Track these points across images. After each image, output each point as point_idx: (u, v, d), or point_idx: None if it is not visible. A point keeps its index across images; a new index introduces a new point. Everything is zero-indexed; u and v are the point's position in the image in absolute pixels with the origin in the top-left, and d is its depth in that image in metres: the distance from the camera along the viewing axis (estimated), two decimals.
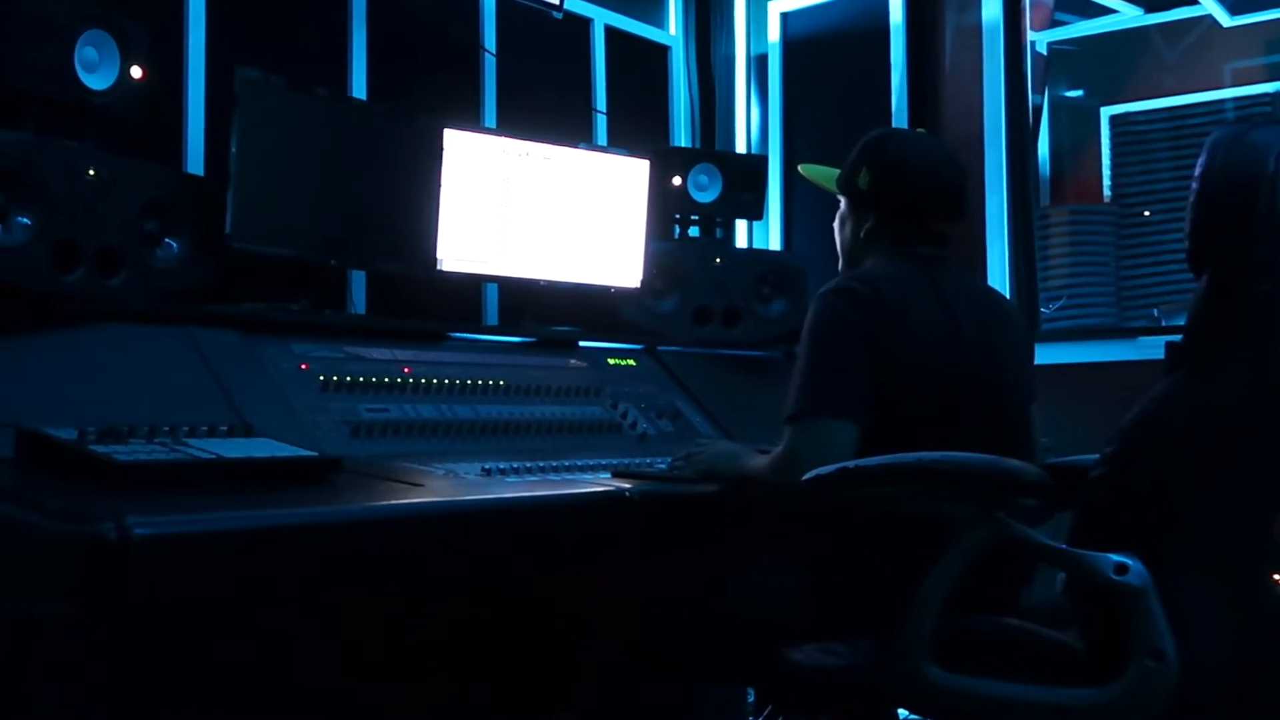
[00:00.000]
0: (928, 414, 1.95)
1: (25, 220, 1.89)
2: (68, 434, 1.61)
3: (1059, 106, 4.07)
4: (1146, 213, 3.92)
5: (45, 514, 1.38)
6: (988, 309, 2.10)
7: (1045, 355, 2.48)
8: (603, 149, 3.22)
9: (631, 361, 2.84)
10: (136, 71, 2.12)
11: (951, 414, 1.96)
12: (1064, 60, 4.10)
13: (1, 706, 1.57)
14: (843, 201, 2.21)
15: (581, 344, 2.81)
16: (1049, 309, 3.72)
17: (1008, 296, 3.37)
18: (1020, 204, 3.62)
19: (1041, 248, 3.74)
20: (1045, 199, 3.98)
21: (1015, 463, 1.68)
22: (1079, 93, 4.18)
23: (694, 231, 3.29)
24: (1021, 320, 2.28)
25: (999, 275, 3.60)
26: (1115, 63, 4.14)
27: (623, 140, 3.56)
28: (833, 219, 2.25)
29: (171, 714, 1.78)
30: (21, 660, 1.57)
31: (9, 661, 1.55)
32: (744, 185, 3.27)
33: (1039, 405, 2.17)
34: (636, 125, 3.79)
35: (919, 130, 2.37)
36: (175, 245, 2.14)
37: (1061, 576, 1.75)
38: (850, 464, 1.76)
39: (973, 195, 2.24)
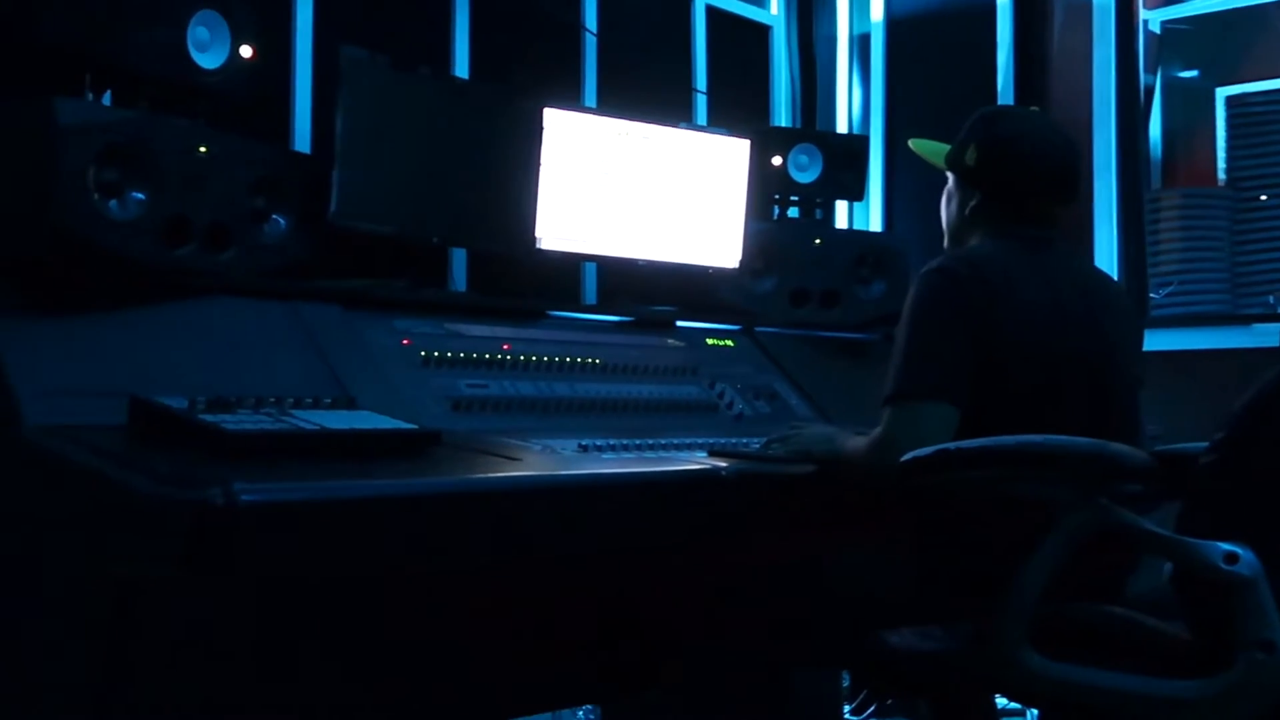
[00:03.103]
0: (1030, 397, 1.91)
1: (139, 196, 1.94)
2: (178, 403, 1.66)
3: (1172, 87, 3.95)
4: (1263, 197, 3.79)
5: (155, 479, 1.42)
6: (1094, 291, 2.06)
7: (1155, 342, 2.43)
8: (702, 129, 3.21)
9: (729, 342, 2.83)
10: (246, 51, 2.15)
11: (1054, 397, 1.92)
12: (1178, 39, 3.98)
13: (107, 668, 1.62)
14: (950, 178, 2.18)
15: (679, 324, 2.80)
16: (1159, 294, 3.63)
17: (1115, 281, 3.29)
18: (1130, 187, 3.53)
19: (1151, 232, 3.65)
20: (1156, 182, 3.88)
21: (1120, 447, 1.64)
22: (1193, 73, 4.05)
23: (793, 212, 3.26)
24: (1129, 304, 2.23)
25: (1107, 259, 3.52)
26: (1232, 42, 4.01)
27: (722, 120, 3.55)
28: (934, 201, 2.22)
29: (267, 680, 1.82)
30: (127, 623, 1.61)
31: (116, 624, 1.59)
32: (844, 166, 3.24)
33: (1147, 392, 2.12)
34: (736, 105, 3.77)
35: (1033, 109, 2.32)
36: (282, 222, 2.18)
37: (1168, 566, 1.70)
38: (949, 446, 1.73)
39: (1081, 178, 2.19)
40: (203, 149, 2.02)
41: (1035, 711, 2.50)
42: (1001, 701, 2.30)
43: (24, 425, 1.62)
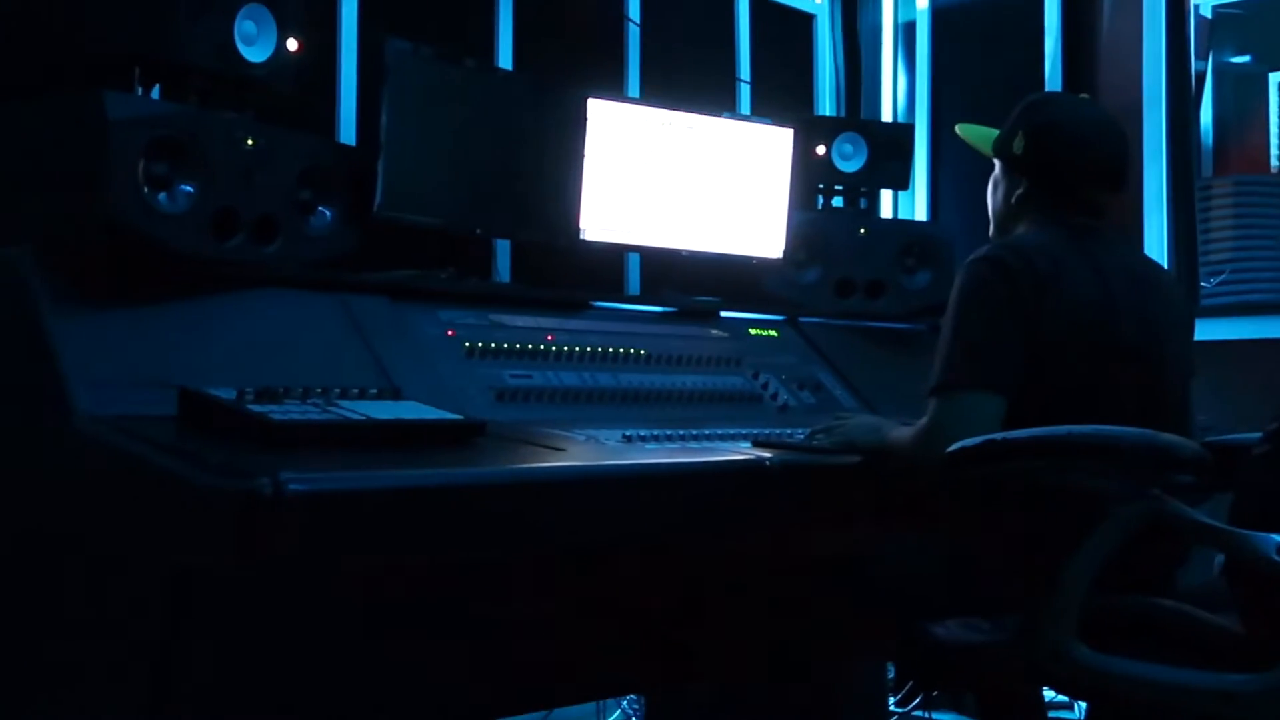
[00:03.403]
0: (1079, 387, 1.89)
1: (188, 189, 1.96)
2: (227, 394, 1.67)
3: (1224, 73, 3.89)
4: None
5: (205, 469, 1.44)
6: (1144, 280, 2.03)
7: (1206, 331, 2.39)
8: (746, 118, 3.20)
9: (773, 332, 2.82)
10: (293, 44, 2.17)
11: (1104, 387, 1.90)
12: (1230, 24, 3.91)
13: (162, 654, 1.64)
14: (997, 166, 2.16)
15: (723, 314, 2.80)
16: (1210, 283, 3.58)
17: (1166, 269, 3.25)
18: (1181, 174, 3.48)
19: (1203, 220, 3.59)
20: (1207, 170, 3.82)
21: (1171, 437, 1.62)
22: (1246, 58, 3.99)
23: (838, 202, 3.24)
24: (1180, 292, 2.20)
25: (1157, 248, 3.48)
26: None
27: (766, 110, 3.53)
28: (980, 190, 2.20)
29: (315, 666, 1.84)
30: (180, 611, 1.63)
31: (170, 610, 1.61)
32: (889, 155, 3.21)
33: (1198, 381, 2.09)
34: (780, 94, 3.76)
35: (1082, 96, 2.29)
36: (328, 214, 2.20)
37: (1220, 558, 1.68)
38: (996, 436, 1.72)
39: (1131, 166, 2.16)
40: (250, 142, 2.04)
41: (1083, 705, 2.48)
42: (1048, 694, 2.28)
43: (76, 415, 1.64)
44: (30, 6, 2.30)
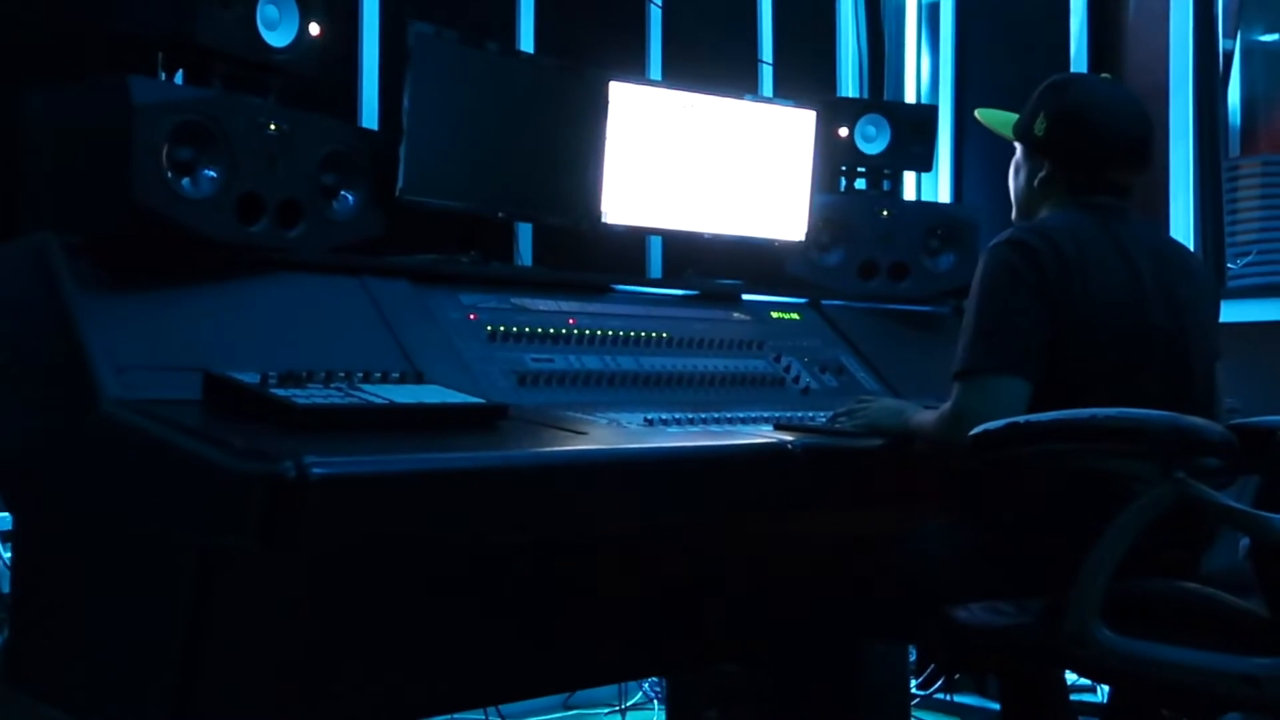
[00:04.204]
0: (1104, 370, 1.88)
1: (212, 174, 1.97)
2: (251, 378, 1.68)
3: (1252, 51, 3.85)
4: None
5: (230, 452, 1.45)
6: (1170, 262, 2.02)
7: (1232, 312, 2.38)
8: (768, 100, 3.19)
9: (795, 315, 2.81)
10: (315, 28, 2.17)
11: (1130, 370, 1.89)
12: (1258, 2, 3.87)
13: (189, 634, 1.65)
14: (1018, 148, 2.14)
15: (745, 297, 2.79)
16: (1236, 264, 3.55)
17: (1192, 250, 3.23)
18: (1208, 154, 3.45)
19: (1230, 200, 3.56)
20: (1235, 149, 3.78)
21: (1197, 420, 1.61)
22: (1275, 36, 3.95)
23: (861, 184, 3.23)
24: (1207, 274, 2.18)
25: (1183, 229, 3.45)
26: None
27: (789, 91, 3.52)
28: (1005, 171, 2.19)
29: (337, 650, 1.85)
30: (206, 591, 1.65)
31: (196, 591, 1.63)
32: (913, 136, 3.19)
33: (1225, 364, 2.08)
34: (803, 76, 3.74)
35: (1103, 76, 2.27)
36: (351, 198, 2.20)
37: (1245, 541, 1.67)
38: (1020, 419, 1.72)
39: (1157, 145, 2.14)
40: (273, 127, 2.04)
41: (1106, 688, 2.47)
42: (1071, 677, 2.27)
43: (103, 399, 1.66)
44: None
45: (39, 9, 2.30)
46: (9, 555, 2.14)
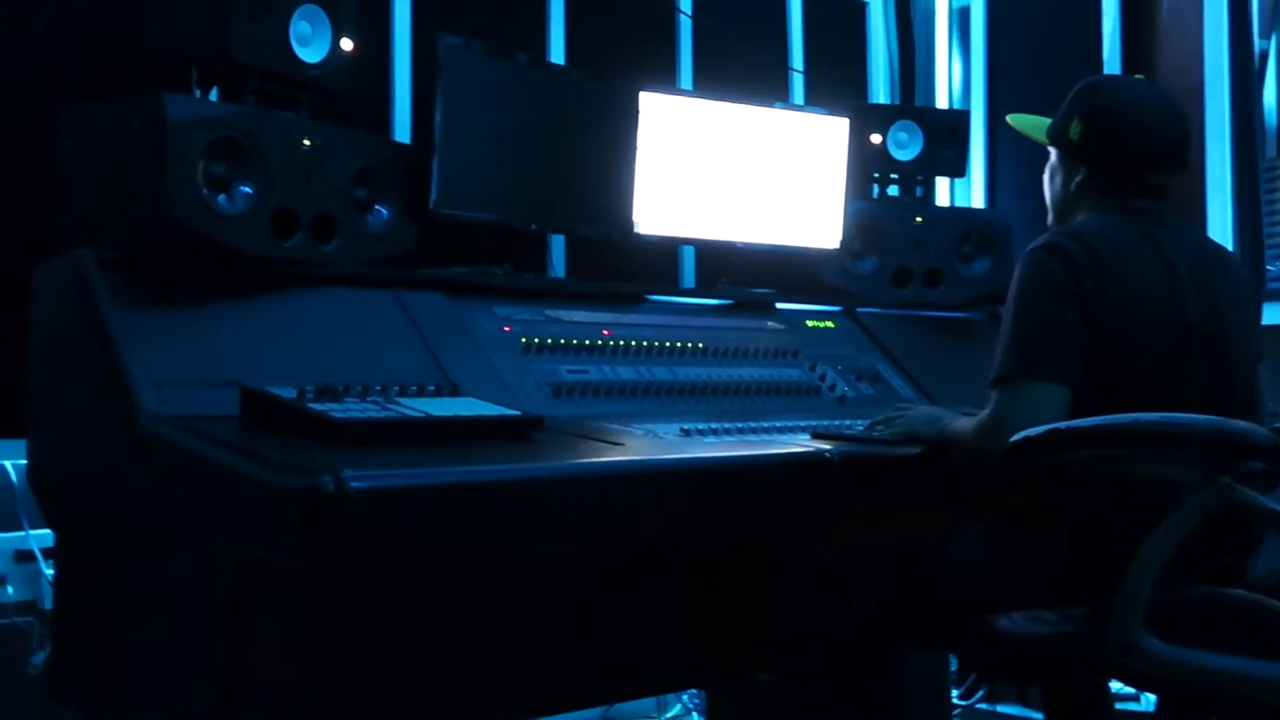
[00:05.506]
0: (1145, 375, 1.86)
1: (247, 189, 1.98)
2: (288, 393, 1.69)
3: None
4: None
5: (268, 467, 1.45)
6: (1210, 264, 1.99)
7: (1274, 315, 2.35)
8: (800, 108, 3.18)
9: (830, 323, 2.80)
10: (347, 44, 2.18)
11: (1171, 374, 1.87)
12: None
13: (229, 647, 1.66)
14: (1053, 153, 2.13)
15: (779, 306, 2.78)
16: (1275, 266, 3.51)
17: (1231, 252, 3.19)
18: (1244, 155, 3.41)
19: (1268, 201, 3.52)
20: (1271, 150, 3.74)
21: (1242, 424, 1.59)
22: None
23: (893, 190, 3.21)
24: (1247, 276, 2.16)
25: (1221, 231, 3.41)
26: None
27: (820, 99, 3.51)
28: (1040, 176, 2.17)
29: (378, 662, 1.85)
30: (245, 605, 1.65)
31: (236, 604, 1.63)
32: (945, 142, 3.18)
33: (1267, 367, 2.05)
34: (834, 83, 3.73)
35: (1137, 77, 2.25)
36: (385, 211, 2.21)
37: None
38: (1061, 425, 1.70)
39: (1193, 147, 2.12)
40: (307, 142, 2.05)
41: (1151, 697, 2.45)
42: (1115, 686, 2.24)
43: (141, 415, 1.67)
44: (90, 11, 2.33)
45: (75, 29, 2.32)
46: (51, 572, 2.15)
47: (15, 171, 2.22)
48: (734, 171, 2.85)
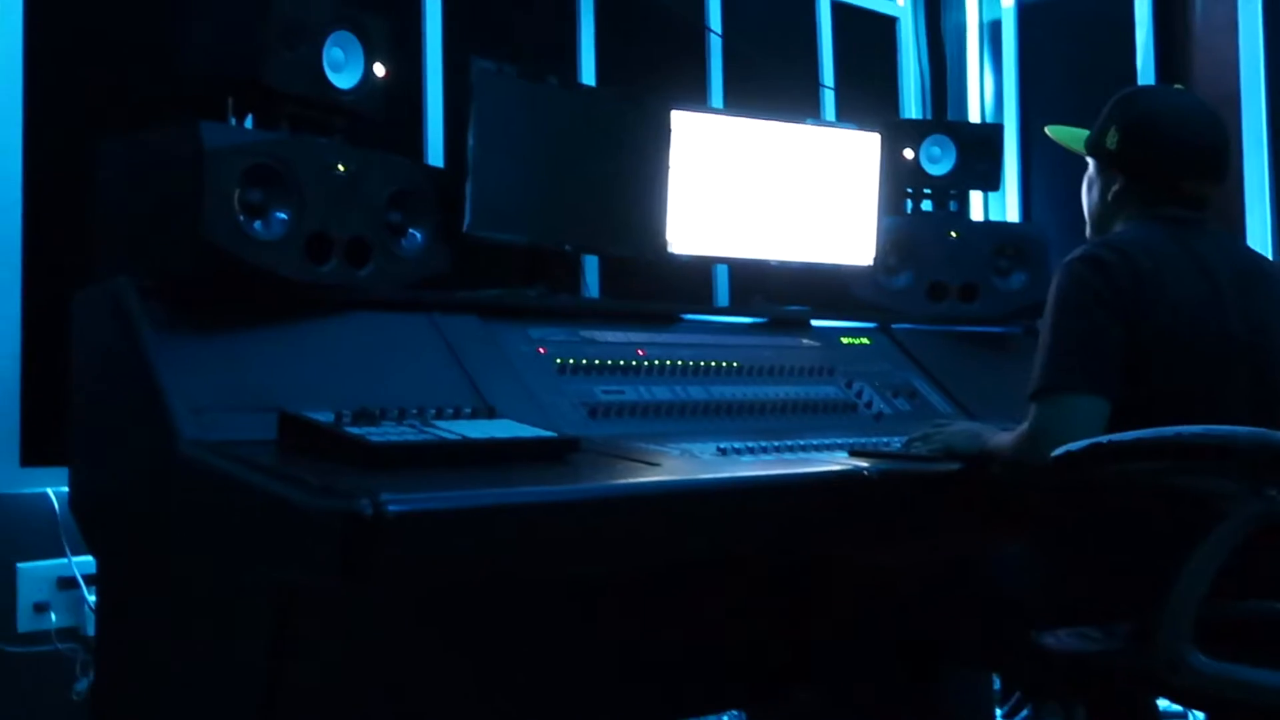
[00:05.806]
0: (1186, 386, 1.84)
1: (282, 215, 1.99)
2: (325, 417, 1.69)
3: None
4: None
5: (306, 491, 1.46)
6: (1251, 273, 1.97)
7: None
8: (831, 124, 3.17)
9: (865, 340, 2.79)
10: (380, 69, 2.20)
11: (1213, 385, 1.84)
12: None
13: (270, 672, 1.66)
14: (1091, 163, 2.11)
15: (814, 323, 2.77)
16: None
17: (1272, 261, 3.16)
18: None
19: None
20: None
21: None
22: None
23: (927, 205, 3.20)
24: None
25: (1261, 239, 3.38)
26: None
27: (851, 115, 3.50)
28: (1074, 188, 2.16)
29: (417, 686, 1.85)
30: (286, 628, 1.65)
31: (277, 627, 1.64)
32: (978, 155, 3.16)
33: None
34: (865, 99, 3.72)
35: (1175, 86, 2.24)
36: (419, 235, 2.22)
37: None
38: (1103, 439, 1.68)
39: (1231, 155, 2.10)
40: (341, 167, 2.06)
41: (1200, 715, 2.41)
42: (1163, 704, 2.21)
43: (180, 441, 1.68)
44: (126, 41, 2.36)
45: (111, 59, 2.35)
46: (94, 598, 2.17)
47: (52, 201, 2.25)
48: (766, 189, 2.85)
